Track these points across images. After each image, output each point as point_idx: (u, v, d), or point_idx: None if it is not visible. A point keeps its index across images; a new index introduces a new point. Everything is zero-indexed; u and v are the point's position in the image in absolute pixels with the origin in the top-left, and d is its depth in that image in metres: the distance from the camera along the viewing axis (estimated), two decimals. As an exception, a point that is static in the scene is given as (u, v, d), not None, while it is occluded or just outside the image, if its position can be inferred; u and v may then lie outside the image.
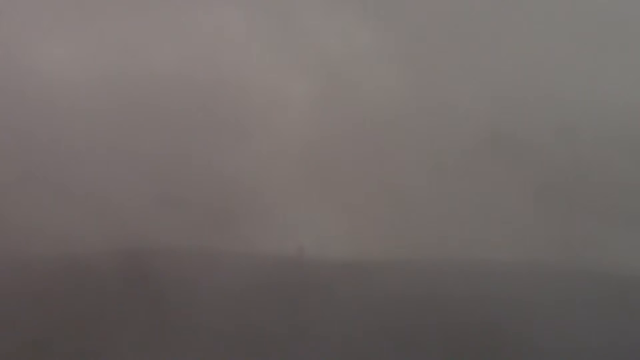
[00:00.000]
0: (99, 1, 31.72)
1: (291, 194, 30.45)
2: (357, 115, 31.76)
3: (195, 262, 28.11)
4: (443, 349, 25.90)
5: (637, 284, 28.42)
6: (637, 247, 29.88)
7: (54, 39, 30.51)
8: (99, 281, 26.95)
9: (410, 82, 32.17)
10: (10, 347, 25.12)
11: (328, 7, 32.64)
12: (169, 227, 28.87)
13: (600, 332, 26.20)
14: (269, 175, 30.48)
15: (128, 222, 28.55)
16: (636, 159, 31.51)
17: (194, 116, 30.65)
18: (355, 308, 26.98)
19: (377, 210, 30.68)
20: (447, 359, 25.74)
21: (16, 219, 28.20)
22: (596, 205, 31.03)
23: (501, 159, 31.46)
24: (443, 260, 29.29)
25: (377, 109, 31.75)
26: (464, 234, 30.22)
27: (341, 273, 28.17)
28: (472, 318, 26.62)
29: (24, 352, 25.11)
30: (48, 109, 29.49)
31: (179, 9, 32.04)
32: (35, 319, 25.78)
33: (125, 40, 30.96)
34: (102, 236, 28.10)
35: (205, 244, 28.94)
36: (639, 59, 32.90)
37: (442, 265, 29.04)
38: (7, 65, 29.96)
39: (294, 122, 31.47)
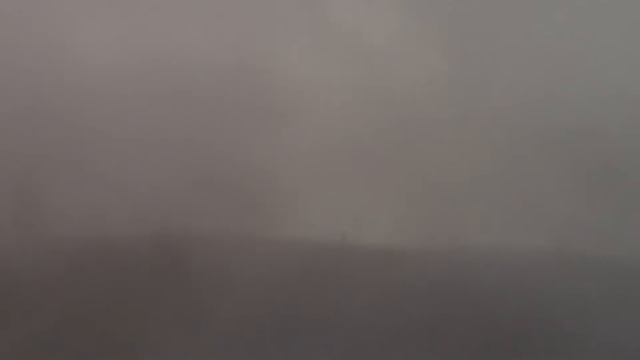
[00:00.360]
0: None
1: (327, 181, 30.27)
2: (395, 102, 31.45)
3: (228, 247, 28.03)
4: (478, 336, 25.69)
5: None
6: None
7: (89, 24, 30.58)
8: (131, 263, 26.97)
9: (450, 70, 31.77)
10: (43, 325, 25.36)
11: (365, -8, 32.44)
12: (203, 212, 28.84)
13: (632, 322, 26.05)
14: (305, 161, 30.31)
15: (162, 206, 28.55)
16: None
17: (230, 102, 30.51)
18: (393, 294, 26.80)
19: (416, 197, 30.43)
20: (482, 346, 25.53)
21: (49, 202, 28.33)
22: (635, 198, 30.71)
23: (542, 149, 31.14)
24: (481, 249, 29.02)
25: (415, 95, 31.42)
26: (503, 223, 29.90)
27: (378, 260, 28.10)
28: (509, 307, 26.42)
29: (56, 330, 25.34)
30: (82, 92, 29.57)
31: (213, -4, 32.01)
32: (68, 299, 25.91)
33: (159, 26, 30.91)
34: (135, 219, 28.13)
35: (238, 228, 28.86)
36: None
37: (479, 254, 28.77)
38: (42, 50, 30.09)
39: (332, 109, 31.22)
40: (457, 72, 31.89)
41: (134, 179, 28.75)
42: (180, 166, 29.26)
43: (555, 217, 30.15)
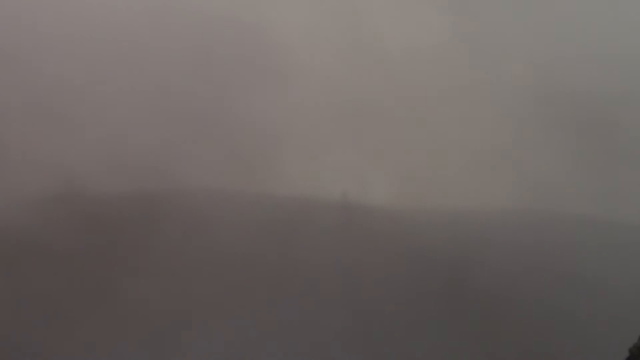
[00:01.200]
0: None
1: (325, 138, 29.94)
2: (394, 60, 31.04)
3: (216, 202, 27.65)
4: (474, 296, 25.35)
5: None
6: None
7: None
8: (112, 215, 26.72)
9: (449, 27, 31.35)
10: (23, 276, 25.14)
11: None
12: (198, 167, 28.47)
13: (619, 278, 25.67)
14: (304, 119, 29.95)
15: (146, 159, 28.13)
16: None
17: (229, 57, 30.22)
18: (391, 253, 26.50)
19: (416, 157, 30.03)
20: (478, 305, 25.22)
21: (33, 156, 27.90)
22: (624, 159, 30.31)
23: (536, 108, 30.71)
24: (472, 208, 28.72)
25: (414, 52, 30.99)
26: (504, 184, 29.47)
27: (372, 217, 27.76)
28: (508, 268, 26.10)
29: (50, 270, 25.18)
30: (65, 41, 29.03)
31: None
32: (49, 251, 25.69)
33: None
34: (125, 174, 27.77)
35: (227, 184, 28.48)
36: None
37: (470, 212, 28.50)
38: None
39: (330, 66, 30.91)
40: (456, 29, 31.49)
41: (127, 132, 28.32)
42: (178, 120, 28.86)
43: (547, 177, 29.79)
